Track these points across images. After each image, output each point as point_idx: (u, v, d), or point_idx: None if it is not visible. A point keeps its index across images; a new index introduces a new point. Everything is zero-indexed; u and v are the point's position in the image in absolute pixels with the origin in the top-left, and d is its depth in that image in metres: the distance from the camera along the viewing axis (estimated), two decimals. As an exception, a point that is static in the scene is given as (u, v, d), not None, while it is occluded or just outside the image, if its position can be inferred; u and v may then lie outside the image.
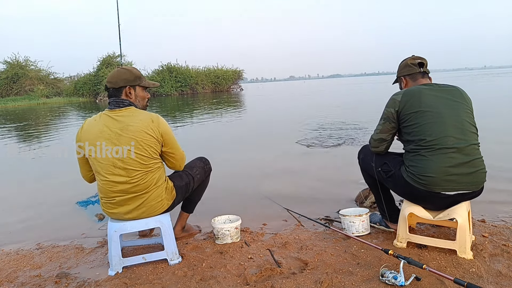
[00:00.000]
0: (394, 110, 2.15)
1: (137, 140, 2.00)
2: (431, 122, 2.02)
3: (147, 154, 2.04)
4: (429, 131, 2.01)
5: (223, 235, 2.41)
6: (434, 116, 2.02)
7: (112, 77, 2.13)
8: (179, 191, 2.27)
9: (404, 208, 2.19)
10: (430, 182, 1.99)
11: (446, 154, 1.97)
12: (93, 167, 2.10)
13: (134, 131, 2.01)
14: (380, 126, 2.25)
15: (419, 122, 2.04)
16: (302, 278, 1.90)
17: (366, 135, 6.37)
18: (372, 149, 2.35)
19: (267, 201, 3.29)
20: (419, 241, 2.18)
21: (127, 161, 2.01)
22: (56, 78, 37.33)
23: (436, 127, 2.01)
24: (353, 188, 3.42)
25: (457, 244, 2.05)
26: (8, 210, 3.57)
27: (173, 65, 37.33)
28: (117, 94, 2.10)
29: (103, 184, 2.07)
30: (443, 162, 1.97)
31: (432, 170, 1.98)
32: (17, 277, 2.18)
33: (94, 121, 2.08)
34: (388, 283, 1.78)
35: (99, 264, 2.29)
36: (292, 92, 31.97)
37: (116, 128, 2.01)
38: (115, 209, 2.10)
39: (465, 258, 2.01)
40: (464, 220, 2.01)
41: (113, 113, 2.06)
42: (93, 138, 2.03)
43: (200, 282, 1.95)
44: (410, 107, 2.09)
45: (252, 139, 7.31)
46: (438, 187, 1.99)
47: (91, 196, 3.60)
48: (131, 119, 2.03)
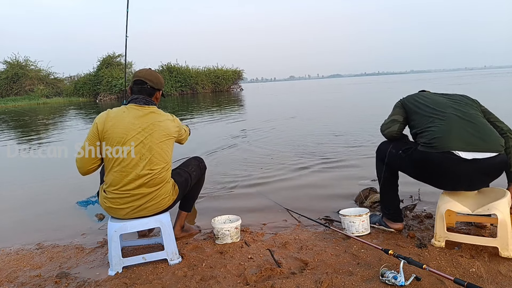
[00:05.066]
0: (400, 104, 2.40)
1: (164, 136, 2.13)
2: (431, 108, 2.20)
3: (169, 150, 2.18)
4: (435, 105, 2.20)
5: (223, 235, 2.41)
6: (434, 108, 2.21)
7: (153, 77, 2.22)
8: (180, 187, 2.33)
9: (440, 205, 2.14)
10: (440, 141, 2.02)
11: (450, 120, 2.08)
12: (110, 158, 2.05)
13: (165, 127, 2.14)
14: (391, 113, 2.40)
15: (424, 104, 2.25)
16: (302, 278, 1.90)
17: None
18: (385, 132, 2.40)
19: (267, 201, 3.29)
20: (458, 239, 2.12)
21: (154, 154, 2.09)
22: (56, 78, 37.37)
23: (439, 104, 2.20)
24: (353, 188, 3.42)
25: (498, 242, 1.97)
26: (8, 210, 3.57)
27: (173, 65, 37.34)
28: (150, 94, 2.20)
29: (121, 176, 2.05)
30: (448, 125, 2.06)
31: (439, 131, 2.06)
32: (17, 277, 2.18)
33: (123, 113, 2.11)
34: (388, 283, 1.78)
35: (99, 264, 2.29)
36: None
37: (147, 123, 2.10)
38: (123, 204, 2.09)
39: (508, 256, 1.94)
40: (505, 216, 1.93)
41: (142, 108, 2.13)
42: (123, 128, 2.05)
43: (200, 282, 1.95)
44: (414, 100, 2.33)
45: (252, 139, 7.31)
46: (449, 144, 2.00)
47: (91, 196, 3.59)
48: (159, 117, 2.16)
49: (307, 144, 6.04)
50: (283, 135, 7.19)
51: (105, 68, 33.99)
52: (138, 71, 2.25)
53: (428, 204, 2.93)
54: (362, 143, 5.76)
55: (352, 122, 8.64)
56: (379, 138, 2.60)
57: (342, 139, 6.28)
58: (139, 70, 2.25)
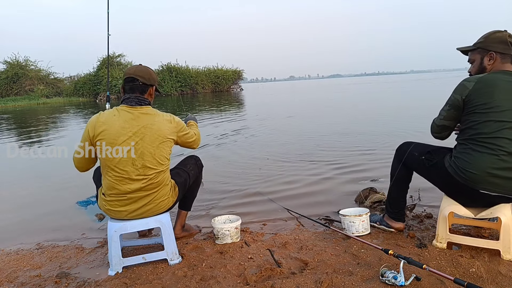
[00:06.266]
0: (461, 98, 1.97)
1: (159, 138, 2.05)
2: (493, 120, 1.87)
3: (165, 153, 2.10)
4: (488, 128, 1.88)
5: (223, 235, 2.41)
6: (498, 114, 1.87)
7: (143, 72, 2.11)
8: (180, 187, 2.32)
9: (443, 207, 2.12)
10: (471, 178, 1.90)
11: (497, 155, 1.86)
12: (106, 162, 2.04)
13: (157, 130, 2.04)
14: (444, 112, 2.09)
15: (481, 119, 1.90)
16: (302, 278, 1.90)
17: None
18: (434, 135, 2.21)
19: (267, 201, 3.29)
20: (460, 241, 2.12)
21: (147, 159, 2.03)
22: (56, 78, 37.37)
23: (495, 126, 1.87)
24: (353, 188, 3.43)
25: (500, 244, 1.97)
26: (8, 210, 3.57)
27: (173, 65, 37.35)
28: (143, 91, 2.10)
29: (116, 180, 2.04)
30: (490, 162, 1.86)
31: (476, 167, 1.88)
32: (17, 277, 2.18)
33: (114, 116, 2.03)
34: (388, 283, 1.78)
35: (99, 264, 2.29)
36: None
37: (138, 126, 2.02)
38: (122, 207, 2.09)
39: (510, 259, 1.95)
40: (508, 219, 1.94)
41: (134, 110, 2.05)
42: (114, 133, 2.00)
43: (200, 282, 1.95)
44: (479, 97, 1.91)
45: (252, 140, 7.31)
46: (479, 185, 1.90)
47: (91, 196, 3.59)
48: (152, 119, 2.06)
49: (307, 143, 6.03)
50: (283, 135, 7.18)
51: (105, 68, 33.99)
52: (128, 68, 2.18)
53: (428, 204, 2.93)
54: (363, 142, 5.75)
55: (351, 122, 8.64)
56: (380, 138, 2.60)
57: (342, 139, 6.28)
58: (129, 67, 2.18)
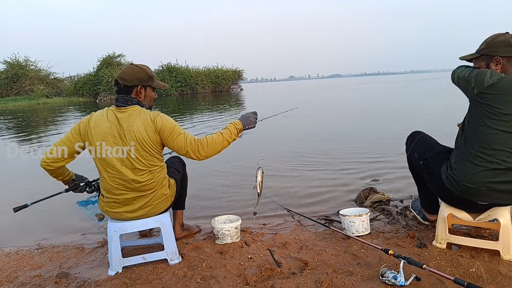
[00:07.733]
0: (481, 84, 1.78)
1: (138, 140, 2.00)
2: (501, 130, 1.77)
3: (150, 153, 2.04)
4: (494, 138, 1.79)
5: (223, 235, 2.41)
6: (508, 124, 1.77)
7: (125, 74, 2.08)
8: (178, 185, 2.33)
9: (443, 209, 2.13)
10: (468, 191, 1.89)
11: (496, 170, 1.81)
12: (99, 164, 2.07)
13: (136, 131, 2.00)
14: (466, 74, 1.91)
15: (491, 125, 1.79)
16: (302, 278, 1.90)
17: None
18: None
19: (267, 201, 3.29)
20: (459, 242, 2.12)
21: (134, 160, 2.02)
22: (56, 78, 37.42)
23: (501, 139, 1.78)
24: (353, 188, 3.43)
25: (500, 245, 1.99)
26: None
27: (173, 65, 37.36)
28: (127, 92, 2.08)
29: (109, 182, 2.05)
30: (488, 177, 1.83)
31: (473, 180, 1.85)
32: (17, 277, 2.18)
33: (102, 116, 2.05)
34: (388, 283, 1.78)
35: (99, 264, 2.29)
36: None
37: (120, 128, 2.01)
38: (119, 208, 2.10)
39: (510, 260, 1.95)
40: (506, 221, 1.95)
41: (118, 112, 2.04)
42: (102, 134, 2.01)
43: (200, 282, 1.95)
44: (498, 98, 1.77)
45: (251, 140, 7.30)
46: (475, 197, 1.91)
47: (91, 196, 3.58)
48: (134, 119, 2.02)
49: (306, 144, 6.03)
50: (282, 134, 7.18)
51: (105, 68, 34.00)
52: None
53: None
54: (363, 143, 5.75)
55: (352, 122, 8.64)
56: (382, 138, 2.59)
57: (342, 138, 6.28)
58: (121, 70, 2.18)
